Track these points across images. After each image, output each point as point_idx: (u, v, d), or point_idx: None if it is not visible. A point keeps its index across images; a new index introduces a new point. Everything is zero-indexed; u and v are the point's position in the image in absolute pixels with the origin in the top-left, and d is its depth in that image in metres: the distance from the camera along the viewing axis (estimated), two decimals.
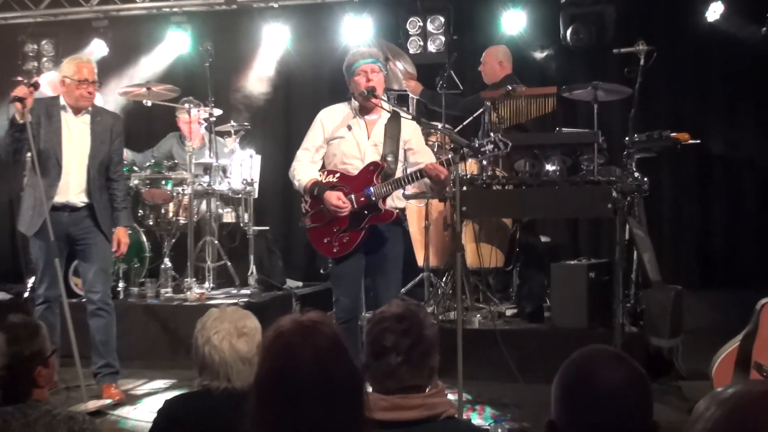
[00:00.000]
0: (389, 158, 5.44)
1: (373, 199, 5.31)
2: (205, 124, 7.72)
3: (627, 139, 6.61)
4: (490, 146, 5.11)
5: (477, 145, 5.14)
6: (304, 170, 5.51)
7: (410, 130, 5.52)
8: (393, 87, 7.36)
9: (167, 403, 3.18)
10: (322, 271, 7.36)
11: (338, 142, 5.50)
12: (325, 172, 5.48)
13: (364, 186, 5.37)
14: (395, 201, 5.50)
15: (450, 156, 5.17)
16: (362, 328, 3.32)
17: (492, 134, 5.76)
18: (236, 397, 2.89)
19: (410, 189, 6.30)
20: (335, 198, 5.26)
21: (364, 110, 5.50)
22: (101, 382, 5.91)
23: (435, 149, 6.69)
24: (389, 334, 2.62)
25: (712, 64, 8.28)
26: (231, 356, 2.94)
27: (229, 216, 7.97)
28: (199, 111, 7.65)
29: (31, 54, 8.80)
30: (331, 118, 5.56)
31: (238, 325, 3.02)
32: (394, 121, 5.49)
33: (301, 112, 8.88)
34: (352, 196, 5.30)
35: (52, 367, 3.10)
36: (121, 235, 6.02)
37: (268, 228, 8.54)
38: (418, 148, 5.55)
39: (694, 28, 8.07)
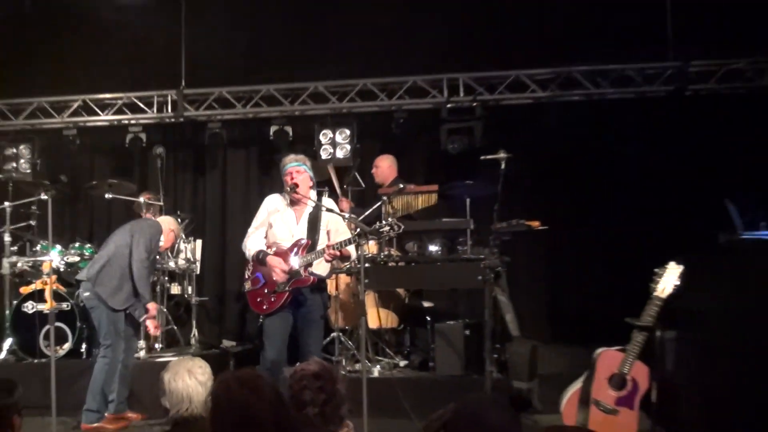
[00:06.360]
0: (313, 237, 5.50)
1: (297, 266, 5.33)
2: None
3: (492, 226, 6.64)
4: (386, 228, 5.13)
5: (377, 227, 5.12)
6: (253, 242, 5.55)
7: (330, 218, 5.56)
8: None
9: None
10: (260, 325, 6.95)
11: (275, 224, 5.54)
12: (266, 245, 5.54)
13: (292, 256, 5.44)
14: (318, 269, 5.48)
15: (346, 239, 5.31)
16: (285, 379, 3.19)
17: (389, 219, 5.70)
18: (196, 420, 2.99)
19: (337, 264, 6.18)
20: (277, 261, 5.33)
21: (293, 200, 5.55)
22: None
23: None
24: (307, 391, 2.63)
25: (558, 165, 8.23)
26: (187, 386, 3.14)
27: (175, 289, 7.83)
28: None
29: (9, 156, 8.54)
30: (272, 204, 5.62)
31: (188, 365, 3.24)
32: (316, 210, 5.53)
33: (234, 206, 8.92)
34: (283, 262, 5.38)
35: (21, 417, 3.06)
36: None
37: (207, 299, 8.40)
38: (336, 228, 5.59)
39: (542, 140, 8.09)
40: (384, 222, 5.19)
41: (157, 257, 6.70)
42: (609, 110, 7.93)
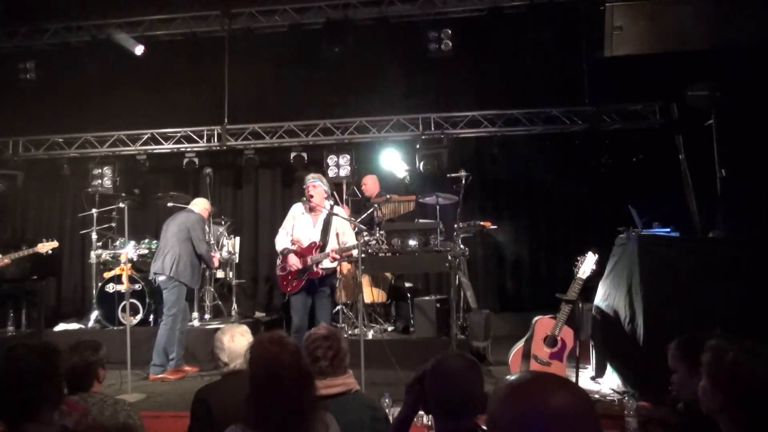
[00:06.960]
0: (325, 238, 5.49)
1: (310, 262, 5.33)
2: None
3: (456, 225, 6.58)
4: (374, 242, 5.44)
5: (371, 239, 5.35)
6: (281, 240, 5.58)
7: (339, 222, 5.55)
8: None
9: (199, 391, 2.97)
10: (284, 301, 7.13)
11: (297, 226, 5.54)
12: (291, 242, 5.53)
13: (308, 254, 5.41)
14: (326, 264, 5.50)
15: (348, 245, 5.40)
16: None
17: (379, 232, 5.76)
18: (241, 372, 2.86)
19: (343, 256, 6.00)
20: (295, 258, 5.40)
21: (311, 208, 5.51)
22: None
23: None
24: (319, 348, 2.60)
25: (505, 181, 8.20)
26: (237, 345, 3.06)
27: (220, 273, 7.66)
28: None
29: (96, 175, 8.47)
30: (296, 211, 5.61)
31: (239, 330, 3.17)
32: (329, 216, 5.50)
33: (264, 212, 8.81)
34: (299, 259, 5.44)
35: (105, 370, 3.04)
36: None
37: (244, 281, 8.25)
38: (343, 231, 5.58)
39: (493, 162, 8.04)
40: (374, 235, 5.43)
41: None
42: (541, 141, 7.92)
